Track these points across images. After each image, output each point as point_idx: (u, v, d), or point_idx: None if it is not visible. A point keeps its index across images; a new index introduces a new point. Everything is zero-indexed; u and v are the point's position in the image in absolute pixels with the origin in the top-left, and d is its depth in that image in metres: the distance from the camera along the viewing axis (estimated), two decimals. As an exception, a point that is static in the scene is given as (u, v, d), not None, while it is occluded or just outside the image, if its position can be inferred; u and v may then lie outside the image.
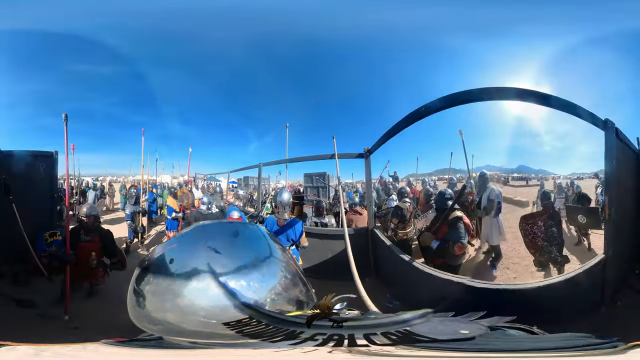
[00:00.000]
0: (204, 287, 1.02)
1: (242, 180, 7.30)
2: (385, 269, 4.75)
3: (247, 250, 1.20)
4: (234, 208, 4.94)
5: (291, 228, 4.34)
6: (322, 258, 5.00)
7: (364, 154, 5.00)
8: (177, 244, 1.24)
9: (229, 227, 1.33)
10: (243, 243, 1.24)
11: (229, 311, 0.99)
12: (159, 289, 1.08)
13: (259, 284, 1.08)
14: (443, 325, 0.98)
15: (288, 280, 1.15)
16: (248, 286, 1.05)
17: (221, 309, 1.00)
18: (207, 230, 1.28)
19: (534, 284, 3.67)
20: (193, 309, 1.02)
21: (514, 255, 4.82)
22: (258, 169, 6.19)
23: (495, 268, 4.75)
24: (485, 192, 4.82)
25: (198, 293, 1.03)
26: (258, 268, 1.12)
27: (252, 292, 1.04)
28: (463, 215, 4.05)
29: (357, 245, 4.77)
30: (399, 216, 4.97)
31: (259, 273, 1.11)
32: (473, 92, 3.83)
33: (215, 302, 1.01)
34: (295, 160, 5.99)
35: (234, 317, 0.98)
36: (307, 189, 6.22)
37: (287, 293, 1.12)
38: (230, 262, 1.08)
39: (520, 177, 5.24)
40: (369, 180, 5.11)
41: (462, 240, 3.93)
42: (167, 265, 1.11)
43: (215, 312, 1.00)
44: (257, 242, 1.26)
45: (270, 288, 1.09)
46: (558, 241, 4.20)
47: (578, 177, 4.95)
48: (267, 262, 1.17)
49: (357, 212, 5.38)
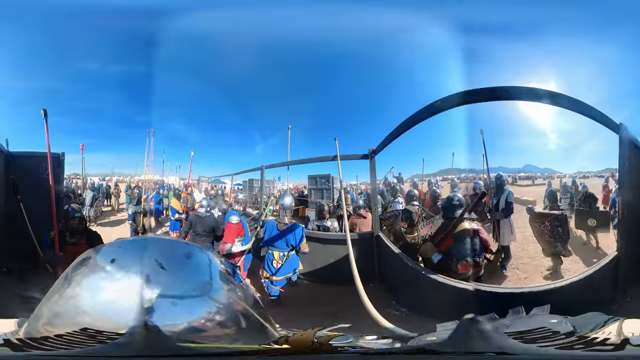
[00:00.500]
0: (126, 294, 1.02)
1: (247, 183, 7.32)
2: (391, 275, 4.67)
3: (192, 275, 1.20)
4: (233, 212, 4.83)
5: (291, 233, 4.32)
6: (324, 263, 4.93)
7: (368, 155, 4.96)
8: (126, 247, 1.24)
9: (184, 247, 1.32)
10: (191, 268, 1.23)
11: (127, 324, 0.97)
12: (87, 282, 1.08)
13: (186, 311, 1.06)
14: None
15: (227, 310, 1.14)
16: (173, 309, 1.04)
17: (117, 319, 0.98)
18: (161, 244, 1.28)
19: (546, 286, 3.73)
20: (102, 310, 1.02)
21: (524, 255, 4.77)
22: (261, 171, 6.20)
23: (505, 269, 4.68)
24: (503, 194, 4.74)
25: (114, 297, 1.03)
26: (194, 294, 1.12)
27: (173, 316, 1.03)
28: (481, 228, 3.70)
29: (361, 250, 4.73)
30: (408, 220, 4.91)
31: (192, 300, 1.10)
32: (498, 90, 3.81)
33: (119, 311, 1.00)
34: (298, 162, 5.99)
35: (128, 330, 0.95)
36: (311, 191, 6.21)
37: (215, 326, 1.10)
38: (170, 281, 1.08)
39: (527, 176, 5.20)
40: (374, 182, 5.06)
41: (470, 258, 3.58)
42: (107, 263, 1.11)
43: (116, 319, 0.99)
44: (203, 272, 1.24)
45: (198, 315, 1.07)
46: (563, 239, 4.37)
47: (584, 176, 4.90)
48: (206, 289, 1.15)
49: (361, 215, 5.26)
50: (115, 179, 6.53)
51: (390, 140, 4.61)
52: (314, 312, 4.18)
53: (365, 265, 4.76)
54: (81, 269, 1.13)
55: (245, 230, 4.68)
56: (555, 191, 4.73)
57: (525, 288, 3.74)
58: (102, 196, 6.23)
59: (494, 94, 3.79)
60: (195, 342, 1.01)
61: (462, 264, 3.61)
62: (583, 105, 3.67)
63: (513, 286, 4.14)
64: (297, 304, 4.49)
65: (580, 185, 4.92)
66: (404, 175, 5.95)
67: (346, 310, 4.01)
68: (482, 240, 3.63)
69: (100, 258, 1.15)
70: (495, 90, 3.78)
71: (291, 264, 4.39)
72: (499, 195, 4.78)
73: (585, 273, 3.70)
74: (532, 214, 4.53)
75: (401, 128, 4.37)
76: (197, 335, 1.04)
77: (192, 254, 1.27)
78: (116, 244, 1.24)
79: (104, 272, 1.08)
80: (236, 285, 1.28)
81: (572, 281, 3.60)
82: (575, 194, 4.91)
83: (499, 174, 4.85)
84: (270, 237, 4.34)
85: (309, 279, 4.99)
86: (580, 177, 4.97)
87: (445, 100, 3.90)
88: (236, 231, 4.56)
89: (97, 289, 1.06)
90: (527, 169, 5.20)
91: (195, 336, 1.03)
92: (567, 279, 3.85)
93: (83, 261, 1.16)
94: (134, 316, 0.98)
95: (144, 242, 1.29)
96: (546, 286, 3.74)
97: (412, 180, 5.79)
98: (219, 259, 1.35)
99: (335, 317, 3.92)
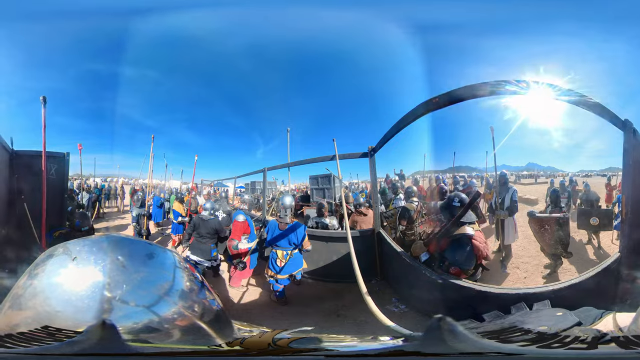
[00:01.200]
0: (85, 292, 1.03)
1: (249, 185, 7.36)
2: (392, 271, 4.66)
3: (153, 275, 1.20)
4: (240, 212, 5.02)
5: (293, 232, 4.36)
6: (326, 261, 4.95)
7: (368, 153, 4.98)
8: (89, 245, 1.22)
9: (145, 247, 1.32)
10: (152, 267, 1.23)
11: (81, 322, 0.98)
12: (47, 278, 1.09)
13: (143, 309, 1.07)
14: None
15: (186, 310, 1.15)
16: (131, 307, 1.05)
17: (76, 317, 1.00)
18: (123, 244, 1.27)
19: (548, 286, 3.59)
20: (62, 307, 1.02)
21: (524, 254, 4.71)
22: (263, 173, 6.24)
23: (505, 268, 4.62)
24: (508, 192, 4.69)
25: (74, 294, 1.04)
26: (154, 293, 1.12)
27: (133, 313, 1.04)
28: (476, 233, 3.47)
29: (362, 247, 4.76)
30: (406, 217, 4.89)
31: (151, 297, 1.10)
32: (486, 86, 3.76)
33: (78, 309, 1.01)
34: (299, 163, 6.02)
35: (86, 328, 0.95)
36: (313, 191, 6.23)
37: (175, 324, 1.11)
38: (129, 280, 1.09)
39: (530, 174, 5.16)
40: (374, 180, 5.06)
41: (463, 266, 3.41)
42: (69, 260, 1.12)
43: (68, 317, 1.00)
44: (164, 269, 1.25)
45: (157, 314, 1.08)
46: (564, 241, 4.33)
47: (587, 175, 4.85)
48: (166, 289, 1.17)
49: (362, 213, 5.29)
50: (122, 180, 6.59)
51: (389, 138, 4.62)
52: (316, 310, 4.17)
53: (367, 261, 4.76)
54: (43, 266, 1.13)
55: (250, 228, 4.88)
56: (558, 190, 4.68)
57: (526, 289, 3.65)
58: (104, 197, 6.29)
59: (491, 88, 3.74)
60: (149, 342, 1.01)
61: (455, 269, 3.52)
62: (588, 101, 3.62)
63: (513, 287, 4.07)
64: (301, 302, 4.49)
65: (582, 183, 4.88)
66: (407, 172, 5.94)
67: (347, 308, 4.01)
68: (474, 248, 3.38)
69: (63, 255, 1.15)
70: (492, 84, 3.72)
71: (295, 263, 4.41)
72: (503, 194, 4.70)
73: (587, 274, 3.57)
74: (533, 217, 4.47)
75: (399, 125, 4.38)
76: (152, 335, 1.04)
77: (154, 254, 1.28)
78: (79, 242, 1.23)
79: (66, 269, 1.09)
80: (196, 285, 1.28)
81: (573, 282, 3.50)
82: (573, 192, 4.85)
83: (502, 172, 4.79)
84: (273, 236, 4.37)
85: (313, 277, 5.00)
86: (583, 176, 4.92)
87: (443, 97, 3.89)
88: (242, 229, 4.77)
89: (58, 286, 1.06)
90: (530, 167, 5.16)
91: (151, 336, 1.04)
92: (569, 279, 3.74)
93: (46, 258, 1.16)
94: (92, 314, 0.98)
95: (107, 241, 1.26)
96: (545, 287, 3.64)
97: (413, 177, 5.77)
98: (180, 258, 1.35)
99: (337, 315, 3.91)
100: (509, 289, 3.69)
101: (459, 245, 3.45)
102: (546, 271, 4.43)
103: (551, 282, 3.96)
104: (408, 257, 4.11)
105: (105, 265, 1.09)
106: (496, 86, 3.80)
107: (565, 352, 1.09)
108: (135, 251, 1.23)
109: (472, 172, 5.30)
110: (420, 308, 3.94)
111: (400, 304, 4.15)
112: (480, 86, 3.77)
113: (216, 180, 7.42)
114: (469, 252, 3.40)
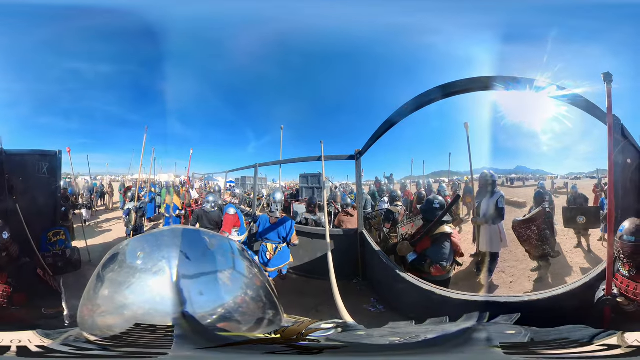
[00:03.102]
0: (158, 287, 1.05)
1: (239, 180, 7.42)
2: (371, 271, 4.74)
3: (215, 263, 1.22)
4: (230, 205, 5.14)
5: (282, 226, 4.52)
6: (311, 257, 5.07)
7: (354, 156, 5.00)
8: (151, 240, 1.26)
9: (205, 236, 1.34)
10: (213, 255, 1.26)
11: (165, 316, 1.02)
12: (119, 278, 1.12)
13: (214, 297, 1.10)
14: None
15: (248, 297, 1.17)
16: (202, 296, 1.08)
17: (159, 312, 1.02)
18: (185, 235, 1.28)
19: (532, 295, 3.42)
20: (135, 305, 1.05)
21: (511, 258, 4.69)
22: (254, 169, 6.28)
23: (491, 273, 4.61)
24: (493, 197, 4.42)
25: (149, 290, 1.06)
26: (219, 282, 1.15)
27: (203, 303, 1.07)
28: (454, 232, 3.65)
29: (346, 246, 4.89)
30: (390, 220, 4.93)
31: (217, 286, 1.14)
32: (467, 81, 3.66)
33: (158, 304, 1.04)
34: (290, 161, 6.07)
35: (166, 322, 1.00)
36: (303, 189, 6.27)
37: (243, 310, 1.14)
38: (196, 271, 1.12)
39: (518, 177, 5.11)
40: (359, 182, 5.11)
41: (443, 262, 3.54)
42: (135, 258, 1.15)
43: (152, 314, 1.03)
44: (225, 257, 1.28)
45: (222, 303, 1.11)
46: (550, 240, 4.29)
47: (575, 177, 4.79)
48: (229, 277, 1.19)
49: (348, 213, 5.40)
50: (109, 178, 6.68)
51: (374, 140, 4.60)
52: (296, 305, 4.27)
53: (349, 260, 4.88)
54: (111, 266, 1.17)
55: (241, 221, 4.99)
56: (543, 193, 4.62)
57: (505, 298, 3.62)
58: (97, 195, 6.40)
59: (473, 84, 3.65)
60: (224, 330, 1.07)
61: (435, 267, 3.59)
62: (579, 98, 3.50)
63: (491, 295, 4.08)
64: (283, 296, 4.58)
65: (571, 186, 4.81)
66: (397, 176, 5.95)
67: (325, 304, 4.10)
68: (452, 245, 3.57)
69: (128, 254, 1.20)
70: (473, 80, 3.64)
71: (282, 256, 4.57)
72: (488, 199, 4.50)
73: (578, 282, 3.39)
74: (516, 222, 4.41)
75: (383, 128, 4.35)
76: (222, 323, 1.09)
77: (215, 243, 1.31)
78: (140, 238, 1.28)
79: (134, 268, 1.12)
80: (257, 270, 1.32)
81: (564, 291, 3.33)
82: (552, 192, 4.76)
83: (483, 173, 4.62)
84: (263, 229, 4.50)
85: (297, 272, 5.13)
86: (572, 179, 4.86)
87: (424, 96, 3.82)
88: (232, 222, 4.88)
89: (130, 285, 1.08)
90: (518, 170, 5.10)
91: (220, 325, 1.08)
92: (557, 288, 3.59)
93: (112, 259, 1.19)
94: (171, 309, 1.02)
95: (167, 233, 1.30)
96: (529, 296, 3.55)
97: (401, 181, 5.77)
98: (239, 245, 1.39)
99: (315, 310, 4.00)
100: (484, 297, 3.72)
101: (440, 243, 3.59)
102: (534, 275, 4.44)
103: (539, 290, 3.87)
104: (386, 259, 4.17)
105: (171, 258, 1.11)
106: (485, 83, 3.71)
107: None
108: (197, 241, 1.26)
109: (454, 177, 5.26)
110: (398, 310, 4.01)
111: (378, 305, 4.22)
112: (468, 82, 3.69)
113: (206, 174, 7.50)
114: (449, 249, 3.57)
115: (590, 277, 3.31)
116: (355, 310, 2.16)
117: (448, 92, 3.79)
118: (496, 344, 1.20)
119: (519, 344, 1.20)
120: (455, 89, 3.76)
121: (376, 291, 4.52)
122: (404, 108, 4.08)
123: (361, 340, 1.27)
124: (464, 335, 1.30)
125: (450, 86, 3.75)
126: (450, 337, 1.29)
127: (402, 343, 1.21)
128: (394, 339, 1.24)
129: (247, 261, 1.32)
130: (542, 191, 4.62)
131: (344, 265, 4.66)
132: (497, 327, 1.81)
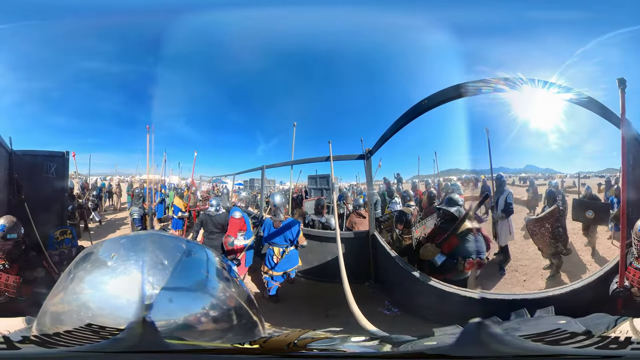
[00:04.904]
0: (125, 290, 1.04)
1: (247, 182, 7.39)
2: (384, 274, 4.69)
3: (189, 272, 1.21)
4: (236, 209, 5.07)
5: (288, 229, 4.46)
6: (320, 260, 4.99)
7: (364, 155, 4.97)
8: (126, 243, 1.23)
9: (184, 245, 1.33)
10: (189, 264, 1.24)
11: (125, 320, 0.99)
12: (88, 276, 1.10)
13: (184, 305, 1.08)
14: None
15: (220, 308, 1.15)
16: (171, 304, 1.06)
17: (119, 315, 1.00)
18: (163, 241, 1.27)
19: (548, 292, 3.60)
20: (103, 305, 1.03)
21: (523, 257, 4.69)
22: (261, 171, 6.25)
23: (503, 270, 4.62)
24: (503, 195, 4.68)
25: (114, 292, 1.05)
26: (191, 291, 1.14)
27: (171, 311, 1.05)
28: (481, 226, 3.74)
29: (357, 249, 4.82)
30: (403, 221, 4.91)
31: (189, 295, 1.12)
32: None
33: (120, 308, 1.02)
34: (298, 162, 6.02)
35: (127, 325, 0.97)
36: (311, 191, 6.24)
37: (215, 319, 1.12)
38: (167, 278, 1.09)
39: (527, 177, 5.13)
40: (370, 182, 5.07)
41: (475, 255, 3.54)
42: (108, 258, 1.13)
43: (112, 316, 1.01)
44: (200, 266, 1.26)
45: (193, 312, 1.09)
46: (563, 238, 4.32)
47: (585, 176, 4.81)
48: (202, 286, 1.18)
49: (360, 214, 5.31)
50: (117, 178, 6.63)
51: (384, 140, 4.60)
52: (306, 310, 4.22)
53: (361, 263, 4.81)
54: (83, 264, 1.16)
55: (247, 225, 4.90)
56: (554, 192, 4.65)
57: (525, 294, 3.66)
58: (105, 195, 6.35)
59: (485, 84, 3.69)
60: (185, 339, 1.04)
61: (469, 262, 3.58)
62: (588, 99, 3.55)
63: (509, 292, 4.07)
64: (292, 300, 4.55)
65: (585, 187, 4.83)
66: (406, 175, 5.92)
67: (336, 308, 4.04)
68: (485, 238, 3.67)
69: (102, 253, 1.18)
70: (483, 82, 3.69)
71: (290, 260, 4.50)
72: (498, 196, 4.70)
73: (590, 277, 3.55)
74: (530, 221, 4.46)
75: (393, 128, 4.36)
76: (189, 332, 1.07)
77: (192, 251, 1.29)
78: (117, 239, 1.25)
79: (105, 268, 1.10)
80: (232, 283, 1.29)
81: (576, 287, 3.48)
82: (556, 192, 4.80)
83: (499, 174, 4.77)
84: (269, 234, 4.44)
85: (306, 276, 5.05)
86: (582, 177, 4.88)
87: (432, 98, 3.85)
88: (238, 226, 4.80)
89: (99, 284, 1.08)
90: (528, 170, 5.12)
91: (187, 333, 1.06)
92: (570, 284, 3.71)
93: (85, 257, 1.19)
94: (133, 312, 1.00)
95: (145, 238, 1.30)
96: (545, 292, 3.62)
97: (412, 180, 5.76)
98: (216, 256, 1.37)
99: (325, 315, 3.95)
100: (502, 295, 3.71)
101: (471, 238, 3.63)
102: (546, 273, 4.44)
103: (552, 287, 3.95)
104: (401, 261, 4.12)
105: (145, 262, 1.10)
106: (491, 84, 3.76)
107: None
108: (173, 248, 1.24)
109: (462, 175, 5.27)
110: (414, 312, 3.97)
111: (393, 307, 4.17)
112: (473, 85, 3.73)
113: (214, 176, 7.46)
114: (482, 242, 3.64)
115: (604, 270, 3.48)
116: (370, 314, 2.07)
117: (460, 92, 3.83)
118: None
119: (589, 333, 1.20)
120: (467, 90, 3.80)
121: (390, 294, 4.47)
122: (415, 107, 4.09)
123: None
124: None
125: (463, 87, 3.79)
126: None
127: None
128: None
129: (224, 271, 1.30)
130: (554, 190, 4.65)
131: (355, 268, 4.59)
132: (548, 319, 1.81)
